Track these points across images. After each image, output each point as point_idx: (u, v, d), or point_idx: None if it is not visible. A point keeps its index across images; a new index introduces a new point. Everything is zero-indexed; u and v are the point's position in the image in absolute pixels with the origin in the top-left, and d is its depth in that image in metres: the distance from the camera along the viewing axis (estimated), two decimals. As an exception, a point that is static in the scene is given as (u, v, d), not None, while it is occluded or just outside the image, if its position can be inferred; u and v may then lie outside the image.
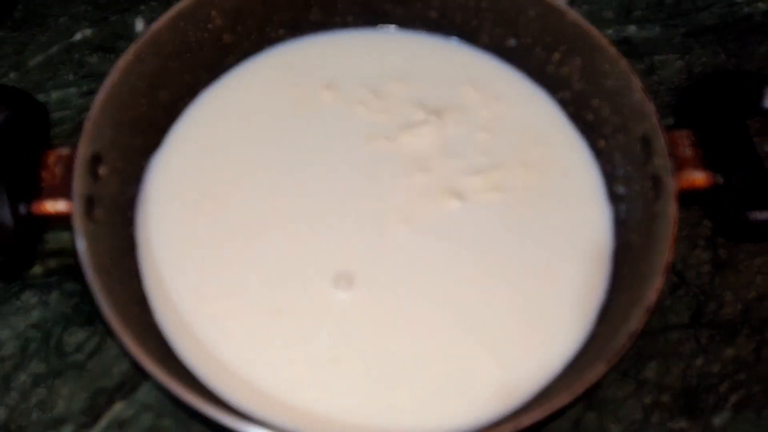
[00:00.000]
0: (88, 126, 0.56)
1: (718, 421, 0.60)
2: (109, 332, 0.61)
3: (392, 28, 0.71)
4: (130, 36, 0.75)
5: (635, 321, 0.51)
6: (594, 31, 0.62)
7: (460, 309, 0.58)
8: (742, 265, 0.66)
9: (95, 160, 0.57)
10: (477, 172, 0.64)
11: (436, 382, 0.56)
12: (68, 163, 0.57)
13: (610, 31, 0.77)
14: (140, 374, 0.60)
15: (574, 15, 0.62)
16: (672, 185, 0.55)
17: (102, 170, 0.58)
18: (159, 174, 0.63)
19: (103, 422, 0.59)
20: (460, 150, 0.65)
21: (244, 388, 0.55)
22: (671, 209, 0.55)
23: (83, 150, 0.55)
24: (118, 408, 0.59)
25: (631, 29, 0.78)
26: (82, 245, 0.53)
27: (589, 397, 0.60)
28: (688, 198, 0.59)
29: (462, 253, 0.60)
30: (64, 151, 0.58)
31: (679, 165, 0.59)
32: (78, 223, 0.54)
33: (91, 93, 0.72)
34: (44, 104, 0.63)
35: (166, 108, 0.65)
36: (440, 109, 0.66)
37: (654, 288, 0.52)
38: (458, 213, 0.62)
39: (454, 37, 0.70)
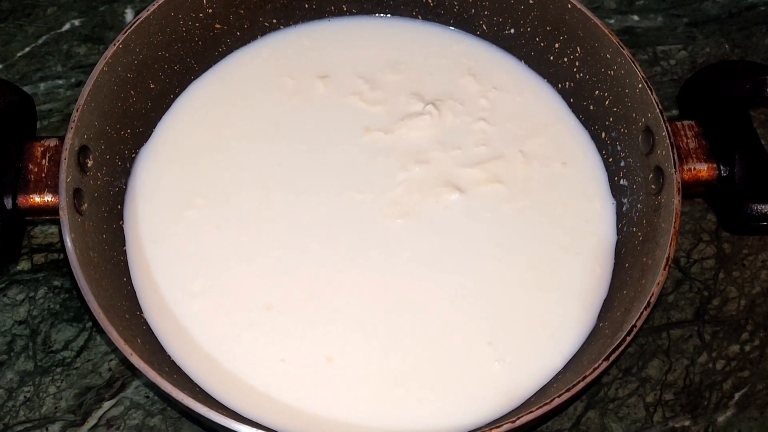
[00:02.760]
0: (76, 117, 0.55)
1: (721, 419, 0.59)
2: (97, 329, 0.61)
3: (387, 15, 0.70)
4: (119, 26, 0.74)
5: (636, 316, 0.50)
6: (595, 20, 0.60)
7: (460, 305, 0.57)
8: (747, 260, 0.65)
9: (83, 152, 0.56)
10: (476, 164, 0.62)
11: (435, 380, 0.55)
12: (55, 156, 0.57)
13: (611, 21, 0.76)
14: (129, 371, 0.59)
15: (575, 3, 0.61)
16: (675, 177, 0.54)
17: (90, 162, 0.57)
18: (148, 167, 0.62)
19: (92, 421, 0.58)
20: (458, 141, 0.63)
21: (234, 385, 0.54)
22: (674, 201, 0.53)
23: (71, 141, 0.54)
24: (107, 406, 0.58)
25: (634, 19, 0.77)
26: (69, 239, 0.52)
27: (590, 395, 0.59)
28: (691, 190, 0.58)
29: (461, 248, 0.59)
30: (51, 142, 0.57)
31: (683, 156, 0.58)
32: (65, 216, 0.52)
33: (80, 85, 0.71)
34: (31, 96, 0.62)
35: (155, 99, 0.64)
36: (437, 99, 0.65)
37: (656, 282, 0.51)
38: (457, 206, 0.61)
39: (451, 26, 0.69)
